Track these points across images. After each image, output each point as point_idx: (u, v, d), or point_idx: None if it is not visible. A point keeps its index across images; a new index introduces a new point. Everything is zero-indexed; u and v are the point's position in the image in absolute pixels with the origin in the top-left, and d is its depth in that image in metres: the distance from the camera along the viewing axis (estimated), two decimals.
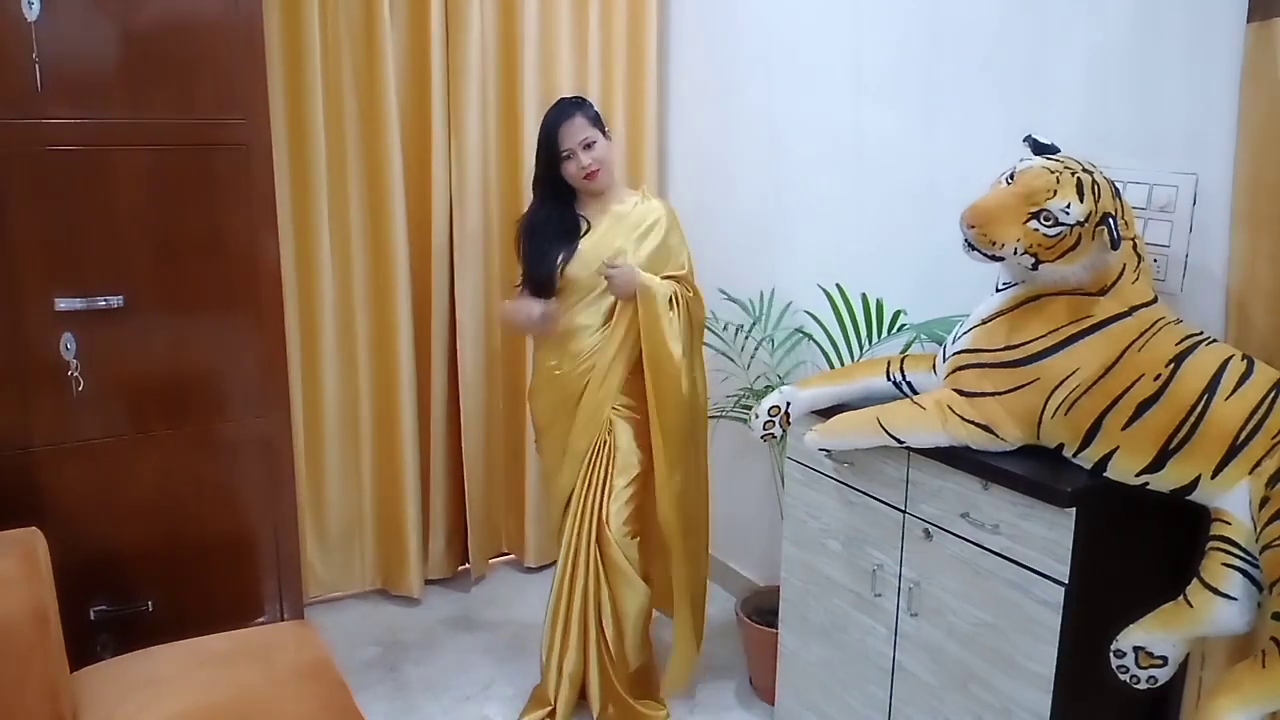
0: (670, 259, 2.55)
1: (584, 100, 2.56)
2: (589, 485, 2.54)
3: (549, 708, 2.56)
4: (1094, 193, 1.69)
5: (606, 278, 2.45)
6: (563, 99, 2.58)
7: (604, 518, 2.50)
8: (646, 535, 2.60)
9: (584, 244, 2.50)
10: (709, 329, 2.79)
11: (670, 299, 2.47)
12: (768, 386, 2.63)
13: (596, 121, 2.49)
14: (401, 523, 3.19)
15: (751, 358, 2.81)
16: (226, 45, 2.19)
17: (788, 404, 2.12)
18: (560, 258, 2.49)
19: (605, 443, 2.54)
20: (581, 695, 2.60)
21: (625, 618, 2.52)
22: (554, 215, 2.53)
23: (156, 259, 2.20)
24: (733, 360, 2.82)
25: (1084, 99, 2.07)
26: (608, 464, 2.53)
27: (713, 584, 3.34)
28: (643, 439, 2.54)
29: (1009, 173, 1.77)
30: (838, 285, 2.49)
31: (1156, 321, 1.71)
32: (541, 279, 2.50)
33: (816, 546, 2.21)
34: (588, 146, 2.45)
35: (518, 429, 3.37)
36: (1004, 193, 1.74)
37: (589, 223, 2.53)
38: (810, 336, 2.63)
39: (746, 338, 2.81)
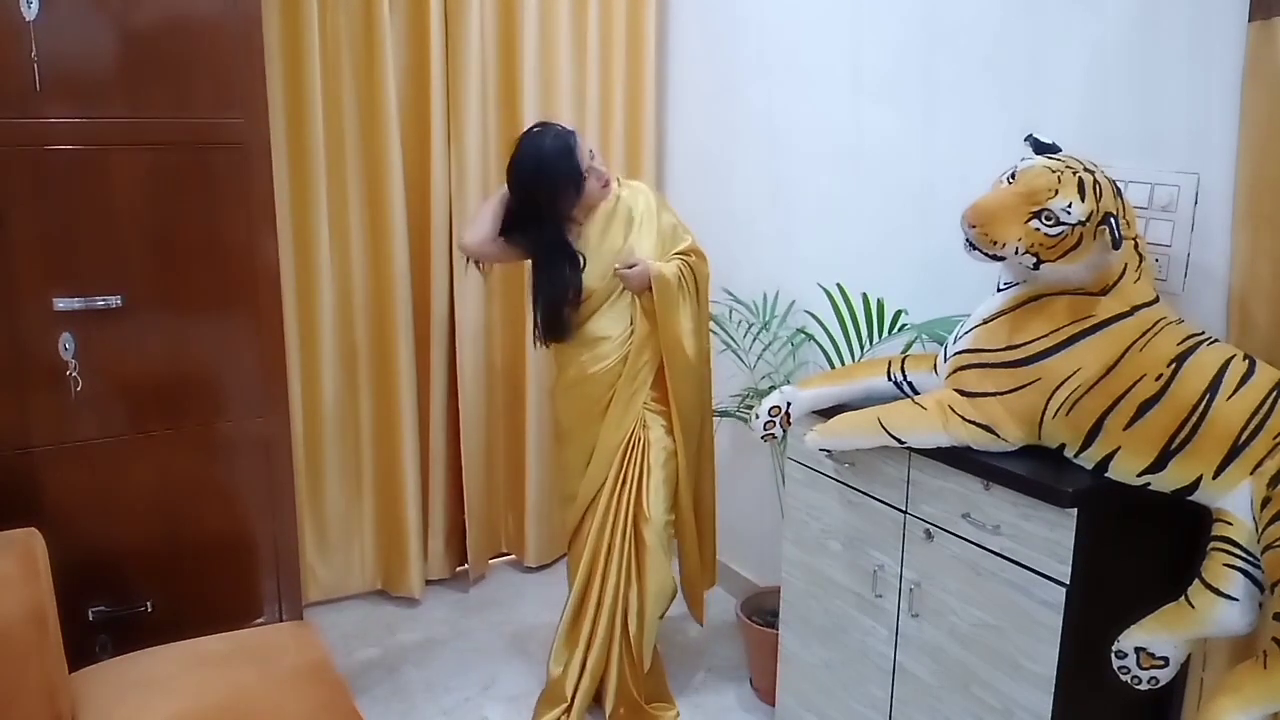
0: (670, 238, 2.56)
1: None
2: (624, 481, 2.54)
3: (564, 705, 2.55)
4: (1095, 192, 1.69)
5: (621, 277, 2.47)
6: (541, 126, 2.48)
7: (644, 508, 2.52)
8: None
9: (585, 277, 2.48)
10: (716, 323, 2.77)
11: (679, 279, 2.50)
12: (771, 386, 2.63)
13: None
14: (401, 523, 3.19)
15: (758, 358, 2.80)
16: (225, 44, 2.18)
17: (788, 404, 2.11)
18: (567, 310, 2.50)
19: (640, 439, 2.54)
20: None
21: (649, 612, 2.54)
22: (554, 251, 2.48)
23: (155, 259, 2.20)
24: (741, 359, 2.82)
25: (1084, 99, 2.06)
26: (643, 459, 2.54)
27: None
28: (671, 428, 2.57)
29: (1010, 172, 1.77)
30: (838, 285, 2.49)
31: (1158, 321, 1.71)
32: (555, 331, 2.53)
33: (817, 547, 2.20)
34: (592, 155, 2.46)
35: (517, 429, 3.37)
36: (1005, 192, 1.74)
37: (584, 256, 2.49)
38: (811, 337, 2.63)
39: (754, 340, 2.81)
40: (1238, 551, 1.61)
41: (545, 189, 2.41)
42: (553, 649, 2.62)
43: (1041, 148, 1.84)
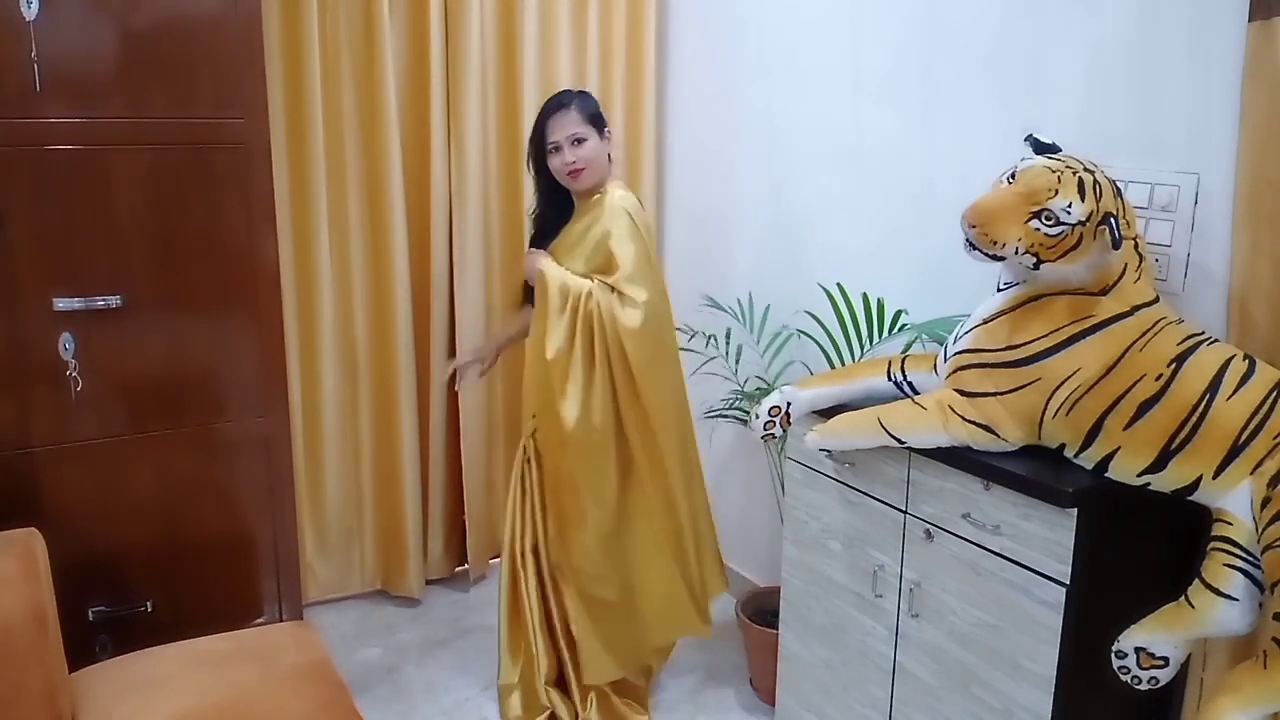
0: (599, 265, 2.35)
1: (585, 93, 2.46)
2: (524, 490, 2.49)
3: (548, 711, 2.52)
4: (1095, 192, 1.69)
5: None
6: (565, 90, 2.50)
7: (537, 535, 2.47)
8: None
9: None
10: (720, 334, 2.77)
11: (568, 295, 2.29)
12: (758, 389, 2.63)
13: (593, 118, 2.38)
14: (401, 523, 3.19)
15: (738, 359, 2.80)
16: (225, 44, 2.18)
17: (788, 404, 2.11)
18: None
19: (530, 459, 2.47)
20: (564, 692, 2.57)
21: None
22: (550, 210, 2.49)
23: (155, 259, 2.20)
24: (729, 378, 2.81)
25: (1084, 99, 2.06)
26: (537, 484, 2.46)
27: None
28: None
29: (1010, 172, 1.77)
30: (838, 285, 2.49)
31: (1158, 321, 1.71)
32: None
33: (817, 547, 2.20)
34: (576, 143, 2.33)
35: (516, 429, 3.36)
36: (1005, 192, 1.74)
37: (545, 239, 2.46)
38: (810, 337, 2.62)
39: (728, 340, 2.80)
40: (1238, 551, 1.61)
41: (531, 139, 2.44)
42: (501, 660, 2.56)
43: (1041, 148, 1.84)
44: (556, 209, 2.48)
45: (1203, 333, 1.71)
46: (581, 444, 2.33)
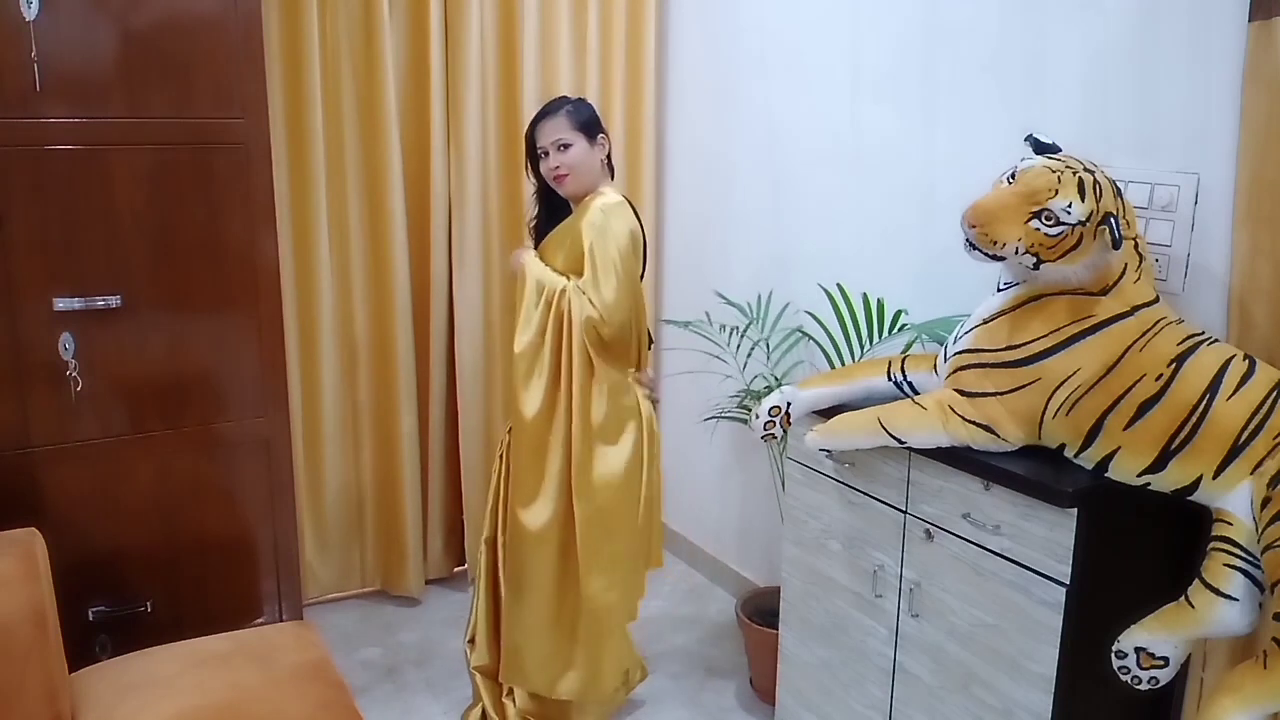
0: (581, 260, 2.32)
1: (581, 101, 2.41)
2: (493, 490, 2.49)
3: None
4: (1095, 192, 1.69)
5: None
6: (561, 96, 2.48)
7: (496, 528, 2.46)
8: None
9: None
10: (701, 333, 2.76)
11: (543, 290, 2.31)
12: (766, 387, 2.63)
13: (584, 125, 2.34)
14: (400, 523, 3.19)
15: (748, 357, 2.80)
16: (225, 44, 2.18)
17: (788, 404, 2.11)
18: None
19: (504, 454, 2.47)
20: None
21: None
22: (546, 213, 2.48)
23: (155, 259, 2.20)
24: (735, 376, 2.81)
25: (1084, 99, 2.06)
26: (504, 479, 2.45)
27: (713, 585, 3.36)
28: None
29: (1010, 172, 1.77)
30: (839, 285, 2.49)
31: (1158, 321, 1.71)
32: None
33: (817, 547, 2.20)
34: (561, 148, 2.32)
35: None
36: (1005, 192, 1.74)
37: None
38: (811, 337, 2.63)
39: (742, 338, 2.81)
40: (1238, 551, 1.61)
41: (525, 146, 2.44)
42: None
43: (1041, 148, 1.84)
44: (552, 211, 2.48)
45: (1203, 333, 1.71)
46: (534, 439, 2.34)
